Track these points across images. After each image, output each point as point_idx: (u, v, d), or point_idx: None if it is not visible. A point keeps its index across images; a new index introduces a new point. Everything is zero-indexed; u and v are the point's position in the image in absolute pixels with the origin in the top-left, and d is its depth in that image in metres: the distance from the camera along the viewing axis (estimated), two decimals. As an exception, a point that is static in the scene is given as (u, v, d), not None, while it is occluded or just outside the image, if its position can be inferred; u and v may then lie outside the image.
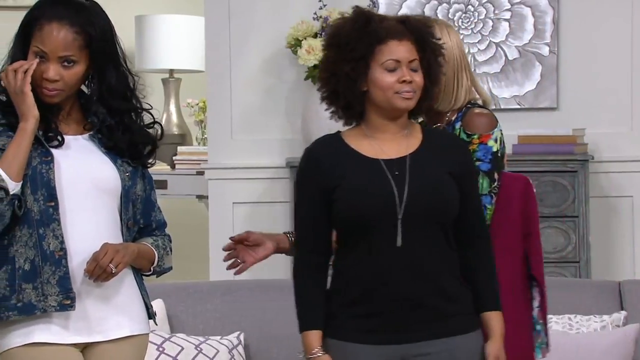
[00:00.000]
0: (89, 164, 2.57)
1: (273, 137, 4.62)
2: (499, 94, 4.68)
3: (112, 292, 2.56)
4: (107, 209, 2.58)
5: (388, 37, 2.60)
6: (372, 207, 2.58)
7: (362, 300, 2.62)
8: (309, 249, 2.65)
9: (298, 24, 4.46)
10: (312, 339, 2.62)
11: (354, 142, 2.66)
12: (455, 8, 4.65)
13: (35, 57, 2.52)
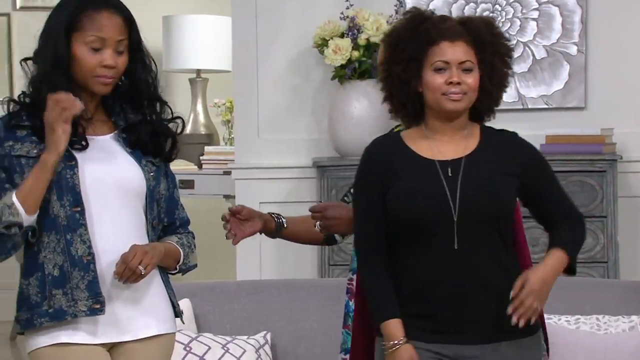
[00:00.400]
0: (114, 165, 2.57)
1: (299, 137, 4.62)
2: (527, 93, 4.65)
3: (139, 292, 2.57)
4: (132, 210, 2.58)
5: (440, 38, 2.59)
6: (425, 209, 2.57)
7: (416, 301, 2.61)
8: (371, 248, 2.65)
9: (325, 23, 4.45)
10: (394, 328, 2.60)
11: (412, 142, 2.66)
12: (482, 7, 4.63)
13: (91, 51, 2.52)
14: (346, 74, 4.42)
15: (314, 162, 4.51)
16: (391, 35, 2.67)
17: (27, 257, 2.54)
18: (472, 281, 2.57)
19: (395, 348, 2.59)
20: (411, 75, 2.61)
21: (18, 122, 2.54)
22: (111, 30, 2.53)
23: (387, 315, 2.62)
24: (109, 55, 2.53)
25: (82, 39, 2.52)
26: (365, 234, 2.68)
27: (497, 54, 2.63)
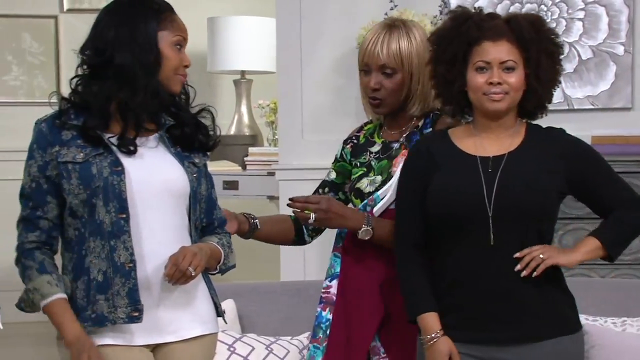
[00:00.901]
0: (160, 167, 2.58)
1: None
2: (572, 94, 4.62)
3: (182, 292, 2.58)
4: (176, 212, 2.59)
5: (482, 38, 2.59)
6: (460, 204, 2.58)
7: (450, 296, 2.61)
8: (410, 242, 2.67)
9: (369, 24, 4.42)
10: (431, 321, 2.61)
11: (458, 139, 2.67)
12: (527, 8, 4.61)
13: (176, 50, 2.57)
14: (390, 74, 4.44)
15: (358, 163, 4.52)
16: (435, 35, 2.68)
17: (74, 260, 2.56)
18: (507, 278, 2.56)
19: (433, 341, 2.59)
20: (455, 75, 2.62)
21: (66, 121, 2.55)
22: (184, 29, 2.60)
23: (423, 309, 2.63)
24: (186, 55, 2.59)
25: (167, 39, 2.59)
26: (405, 227, 2.69)
27: (543, 51, 2.61)
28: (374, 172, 2.85)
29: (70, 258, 2.56)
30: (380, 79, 2.80)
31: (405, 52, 2.79)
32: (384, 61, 2.79)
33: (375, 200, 2.80)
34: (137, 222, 2.53)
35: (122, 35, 2.53)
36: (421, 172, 2.65)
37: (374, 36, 2.82)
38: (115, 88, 2.53)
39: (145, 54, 2.53)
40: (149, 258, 2.54)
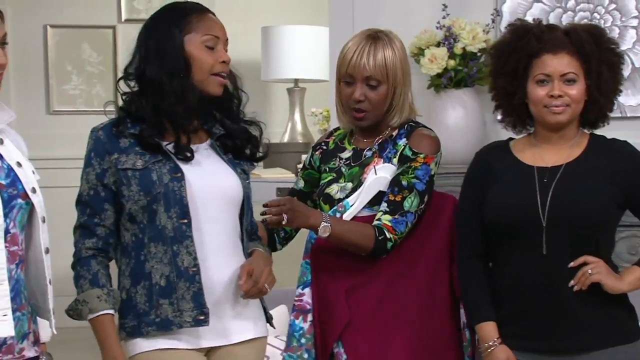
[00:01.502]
0: (216, 174, 2.62)
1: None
2: (625, 102, 4.60)
3: (234, 297, 2.62)
4: (230, 217, 2.64)
5: (542, 51, 2.60)
6: (514, 213, 2.60)
7: (508, 305, 2.64)
8: (469, 250, 2.70)
9: (421, 32, 4.46)
10: (489, 330, 2.64)
11: (518, 149, 2.70)
12: (580, 16, 4.60)
13: (207, 50, 2.58)
14: (442, 82, 4.42)
15: (410, 171, 4.53)
16: (495, 48, 2.70)
17: (132, 265, 2.60)
18: (561, 288, 2.57)
19: (491, 349, 2.60)
20: (515, 87, 2.64)
21: (123, 130, 2.60)
22: (220, 29, 2.62)
23: (482, 318, 2.66)
24: (223, 52, 2.62)
25: (195, 41, 2.60)
26: (465, 236, 2.72)
27: (603, 62, 2.61)
28: (344, 179, 2.84)
29: (128, 263, 2.61)
30: (365, 91, 2.78)
31: (390, 63, 2.79)
32: (370, 73, 2.78)
33: (345, 207, 2.79)
34: (197, 228, 2.57)
35: (150, 48, 2.59)
36: (480, 182, 2.68)
37: (358, 47, 2.80)
38: (152, 99, 2.58)
39: (170, 61, 2.56)
40: (207, 263, 2.58)
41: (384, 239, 2.74)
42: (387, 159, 2.82)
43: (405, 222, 2.74)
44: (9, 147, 2.45)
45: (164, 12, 2.64)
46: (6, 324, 2.38)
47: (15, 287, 2.43)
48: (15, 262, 2.42)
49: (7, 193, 2.40)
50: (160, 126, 2.59)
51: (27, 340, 2.47)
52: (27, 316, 2.48)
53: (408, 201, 2.75)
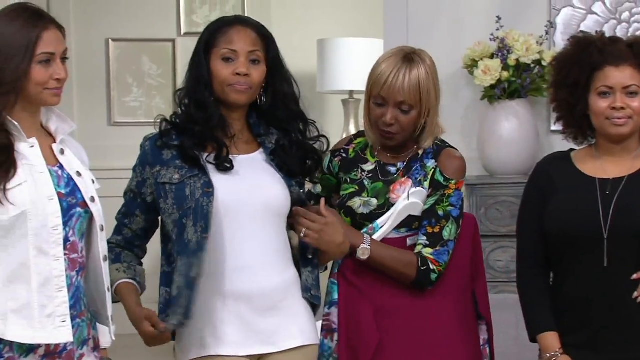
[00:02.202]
0: (257, 185, 2.65)
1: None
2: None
3: (283, 305, 2.66)
4: (274, 227, 2.66)
5: (605, 63, 2.59)
6: (575, 224, 2.60)
7: (569, 316, 2.64)
8: (530, 261, 2.71)
9: (475, 44, 4.49)
10: (550, 340, 2.64)
11: (579, 160, 2.69)
12: (635, 27, 4.59)
13: (223, 62, 2.63)
14: (495, 94, 4.44)
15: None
16: (557, 60, 2.70)
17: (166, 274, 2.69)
18: (623, 299, 2.58)
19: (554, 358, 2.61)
20: (577, 99, 2.63)
21: (167, 142, 2.66)
22: (242, 41, 2.64)
23: (543, 328, 2.66)
24: (242, 63, 2.63)
25: (216, 54, 2.65)
26: (526, 247, 2.72)
27: None
28: (367, 193, 2.82)
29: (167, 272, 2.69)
30: (396, 114, 2.75)
31: (424, 88, 2.75)
32: (403, 98, 2.74)
33: (375, 229, 2.79)
34: (232, 237, 2.60)
35: (190, 64, 2.69)
36: (541, 193, 2.68)
37: (393, 70, 2.75)
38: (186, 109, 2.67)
39: (197, 75, 2.65)
40: (245, 271, 2.61)
41: (427, 270, 2.75)
42: (417, 181, 2.81)
43: (447, 251, 2.75)
44: (69, 157, 2.53)
45: (209, 26, 2.72)
46: (65, 330, 2.45)
47: (76, 294, 2.50)
48: (76, 269, 2.50)
49: (67, 202, 2.48)
50: (199, 136, 2.65)
51: (87, 347, 2.54)
52: (87, 323, 2.55)
53: (447, 230, 2.76)
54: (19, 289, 2.41)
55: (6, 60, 2.41)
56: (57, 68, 2.47)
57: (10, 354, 2.42)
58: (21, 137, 2.45)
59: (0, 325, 2.40)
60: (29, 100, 2.46)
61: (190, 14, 6.45)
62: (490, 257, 4.41)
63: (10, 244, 2.41)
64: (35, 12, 2.48)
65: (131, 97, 6.51)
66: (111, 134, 6.43)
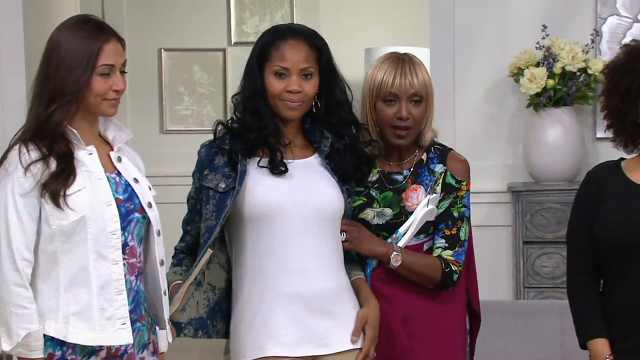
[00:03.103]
0: (313, 188, 2.68)
1: (495, 163, 4.66)
2: None
3: (336, 308, 2.69)
4: (326, 230, 2.68)
5: None
6: (627, 232, 2.61)
7: (620, 323, 2.64)
8: (580, 268, 2.70)
9: (521, 53, 4.50)
10: (601, 347, 2.64)
11: (630, 169, 2.69)
12: (681, 35, 4.60)
13: (276, 77, 2.66)
14: (541, 102, 4.46)
15: (509, 187, 4.54)
16: (609, 68, 2.68)
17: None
18: None
19: None
20: (628, 107, 2.62)
21: (220, 145, 2.70)
22: (295, 58, 2.65)
23: (593, 334, 2.66)
24: (294, 81, 2.65)
25: (269, 68, 2.68)
26: (576, 253, 2.72)
27: None
28: (377, 203, 2.85)
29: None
30: (409, 108, 2.81)
31: (428, 80, 2.83)
32: (415, 89, 2.81)
33: (398, 237, 2.83)
34: (287, 240, 2.65)
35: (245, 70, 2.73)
36: (591, 202, 2.68)
37: (397, 68, 2.82)
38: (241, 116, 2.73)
39: (253, 87, 2.68)
40: (299, 274, 2.65)
41: (450, 272, 2.81)
42: (427, 187, 2.86)
43: (464, 250, 2.83)
44: (126, 165, 2.60)
45: (262, 35, 2.76)
46: (125, 332, 2.51)
47: (136, 298, 2.56)
48: (135, 273, 2.56)
49: (125, 207, 2.54)
50: (254, 143, 2.69)
51: (147, 350, 2.60)
52: (147, 327, 2.60)
53: (462, 231, 2.84)
54: (79, 292, 2.47)
55: (69, 71, 2.48)
56: (116, 79, 2.54)
57: (73, 356, 2.49)
58: (80, 145, 2.52)
59: (63, 327, 2.47)
60: (88, 110, 2.54)
61: (241, 24, 6.53)
62: (536, 263, 4.43)
63: (71, 249, 2.47)
64: (97, 25, 2.55)
65: (182, 105, 6.59)
66: (163, 142, 6.51)
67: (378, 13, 6.64)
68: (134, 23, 6.47)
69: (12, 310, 2.43)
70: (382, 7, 6.65)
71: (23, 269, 2.45)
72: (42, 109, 2.49)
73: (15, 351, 2.46)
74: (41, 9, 5.21)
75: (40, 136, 2.49)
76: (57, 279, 2.48)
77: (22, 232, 2.45)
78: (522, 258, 4.44)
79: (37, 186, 2.46)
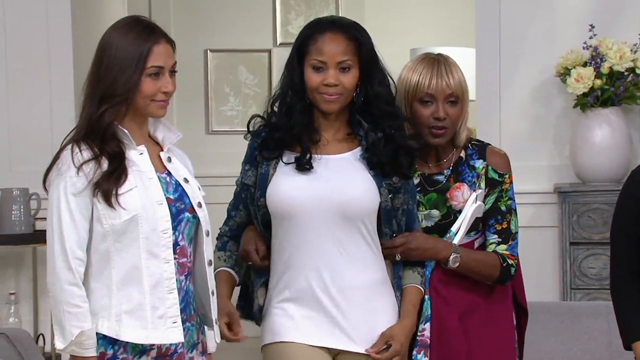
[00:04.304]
0: (338, 185, 2.67)
1: (541, 164, 4.64)
2: None
3: (372, 305, 2.69)
4: (358, 229, 2.68)
5: None
6: None
7: None
8: (624, 268, 2.70)
9: (567, 53, 4.48)
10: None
11: None
12: None
13: (314, 71, 2.68)
14: (588, 102, 4.43)
15: (555, 188, 4.52)
16: None
17: None
18: None
19: None
20: None
21: (257, 135, 2.75)
22: (331, 52, 2.66)
23: (638, 336, 2.65)
24: (331, 74, 2.66)
25: (308, 62, 2.69)
26: (621, 253, 2.72)
27: None
28: (424, 207, 2.86)
29: None
30: (446, 108, 2.83)
31: (464, 82, 2.85)
32: (452, 90, 2.82)
33: (452, 237, 2.83)
34: (307, 237, 2.67)
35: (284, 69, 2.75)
36: (636, 201, 2.68)
37: (433, 69, 2.83)
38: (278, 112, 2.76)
39: (290, 81, 2.71)
40: (323, 268, 2.66)
41: (507, 266, 2.83)
42: (471, 183, 2.87)
43: (517, 243, 2.85)
44: (176, 165, 2.62)
45: (303, 29, 2.77)
46: (176, 331, 2.53)
47: (185, 298, 2.58)
48: (185, 273, 2.58)
49: (176, 207, 2.56)
50: (280, 144, 2.72)
51: (196, 350, 2.62)
52: (196, 327, 2.62)
53: (513, 223, 2.86)
54: (132, 291, 2.50)
55: (119, 72, 2.51)
56: (165, 81, 2.55)
57: (125, 355, 2.51)
58: (131, 145, 2.55)
59: (115, 326, 2.50)
60: (137, 111, 2.56)
61: (286, 24, 6.57)
62: (583, 264, 4.41)
63: (123, 248, 2.50)
64: (148, 26, 2.57)
65: (228, 106, 6.64)
66: (209, 142, 6.57)
67: (424, 13, 6.64)
68: (180, 24, 6.53)
69: (65, 309, 2.46)
70: (427, 7, 6.65)
71: (76, 268, 2.47)
72: (94, 110, 2.52)
73: (68, 349, 2.48)
74: (89, 10, 5.26)
75: (92, 136, 2.51)
76: (110, 277, 2.50)
77: (75, 231, 2.48)
78: (568, 259, 4.42)
79: (90, 185, 2.48)
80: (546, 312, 3.80)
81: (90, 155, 2.50)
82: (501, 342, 2.85)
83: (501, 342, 2.85)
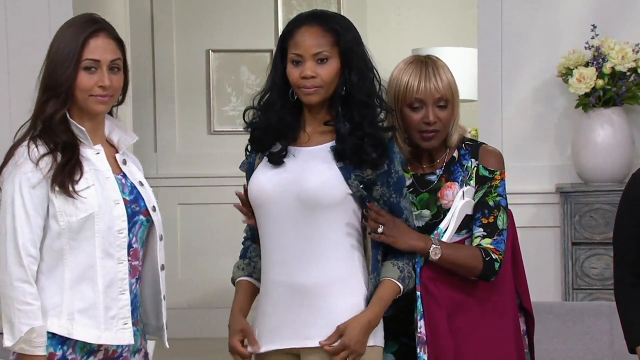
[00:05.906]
0: (300, 177, 2.64)
1: (543, 164, 4.64)
2: None
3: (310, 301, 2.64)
4: (321, 221, 2.64)
5: None
6: None
7: None
8: (629, 270, 2.69)
9: (569, 53, 4.48)
10: None
11: None
12: None
13: (293, 65, 2.65)
14: (590, 102, 4.43)
15: (557, 188, 4.52)
16: None
17: None
18: None
19: None
20: None
21: (250, 122, 2.75)
22: (306, 44, 2.63)
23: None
24: (308, 66, 2.62)
25: (288, 58, 2.67)
26: (623, 256, 2.71)
27: None
28: (415, 207, 2.85)
29: None
30: (436, 112, 2.82)
31: (453, 82, 2.84)
32: (441, 93, 2.81)
33: (440, 234, 2.81)
34: (270, 230, 2.66)
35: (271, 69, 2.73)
36: (638, 202, 2.68)
37: (421, 72, 2.82)
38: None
39: (274, 74, 2.69)
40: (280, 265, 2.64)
41: (491, 260, 2.79)
42: (461, 182, 2.86)
43: (503, 239, 2.81)
44: (131, 168, 2.62)
45: (285, 27, 2.76)
46: (127, 333, 2.53)
47: (134, 302, 2.58)
48: (135, 277, 2.58)
49: (131, 208, 2.56)
50: (259, 142, 2.72)
51: (138, 355, 2.62)
52: (140, 332, 2.62)
53: (500, 219, 2.82)
54: (85, 289, 2.49)
55: (59, 65, 2.51)
56: (101, 75, 2.53)
57: (74, 355, 2.50)
58: (88, 143, 2.55)
59: (67, 324, 2.48)
60: (79, 107, 2.55)
61: (288, 25, 6.58)
62: (585, 265, 4.41)
63: (78, 246, 2.49)
64: (90, 20, 2.56)
65: (230, 106, 6.64)
66: (210, 143, 6.56)
67: (425, 13, 6.64)
68: (183, 24, 6.54)
69: (16, 306, 2.44)
70: (429, 8, 6.64)
71: (28, 265, 2.46)
72: (39, 101, 2.53)
73: (17, 347, 2.46)
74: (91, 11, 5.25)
75: (48, 132, 2.51)
76: (62, 275, 2.49)
77: (29, 228, 2.46)
78: (570, 259, 4.42)
79: (46, 180, 2.47)
80: (548, 312, 3.80)
81: (46, 150, 2.49)
82: (497, 344, 2.81)
83: (497, 344, 2.81)
